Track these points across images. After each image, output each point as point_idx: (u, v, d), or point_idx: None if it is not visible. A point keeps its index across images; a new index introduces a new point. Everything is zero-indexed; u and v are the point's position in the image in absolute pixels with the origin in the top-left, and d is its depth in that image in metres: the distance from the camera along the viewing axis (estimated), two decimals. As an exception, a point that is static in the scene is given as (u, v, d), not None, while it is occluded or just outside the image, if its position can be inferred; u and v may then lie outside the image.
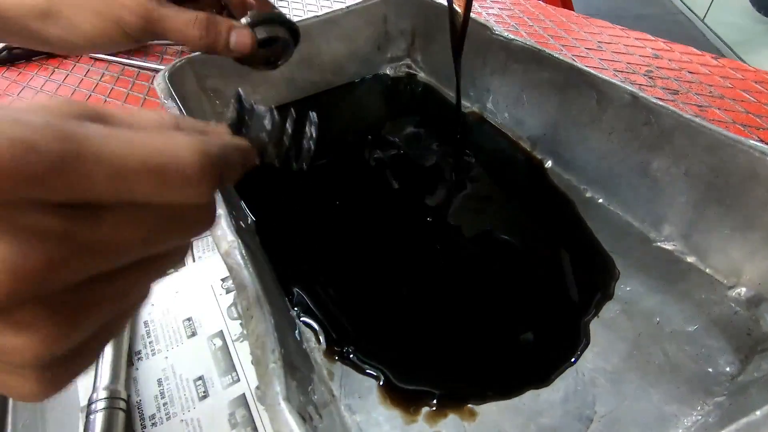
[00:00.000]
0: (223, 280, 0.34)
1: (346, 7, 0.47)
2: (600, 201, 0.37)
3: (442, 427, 0.26)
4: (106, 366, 0.28)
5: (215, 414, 0.27)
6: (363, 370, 0.28)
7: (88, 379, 0.28)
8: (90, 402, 0.26)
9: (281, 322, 0.24)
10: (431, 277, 0.34)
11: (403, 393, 0.27)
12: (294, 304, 0.32)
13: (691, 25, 2.05)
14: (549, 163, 0.40)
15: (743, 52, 1.77)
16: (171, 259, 0.14)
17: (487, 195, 0.40)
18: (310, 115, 0.21)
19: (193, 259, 0.36)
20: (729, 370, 0.27)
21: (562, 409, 0.26)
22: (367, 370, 0.28)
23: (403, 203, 0.39)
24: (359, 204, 0.39)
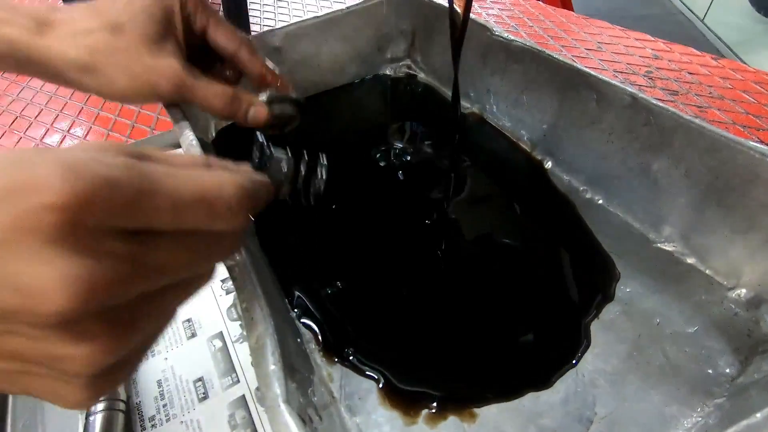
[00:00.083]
0: (222, 281, 0.34)
1: (346, 7, 0.47)
2: (600, 202, 0.37)
3: (442, 429, 0.26)
4: (105, 367, 0.28)
5: (215, 415, 0.27)
6: (363, 371, 0.28)
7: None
8: (89, 403, 0.26)
9: (281, 324, 0.24)
10: (431, 279, 0.34)
11: (403, 394, 0.27)
12: (294, 305, 0.32)
13: (690, 26, 2.05)
14: (549, 164, 0.40)
15: (743, 52, 1.78)
16: (204, 280, 0.16)
17: (487, 196, 0.40)
18: (320, 158, 0.24)
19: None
20: (729, 371, 0.27)
21: (562, 410, 0.26)
22: (367, 372, 0.28)
23: (402, 204, 0.39)
24: (359, 205, 0.39)
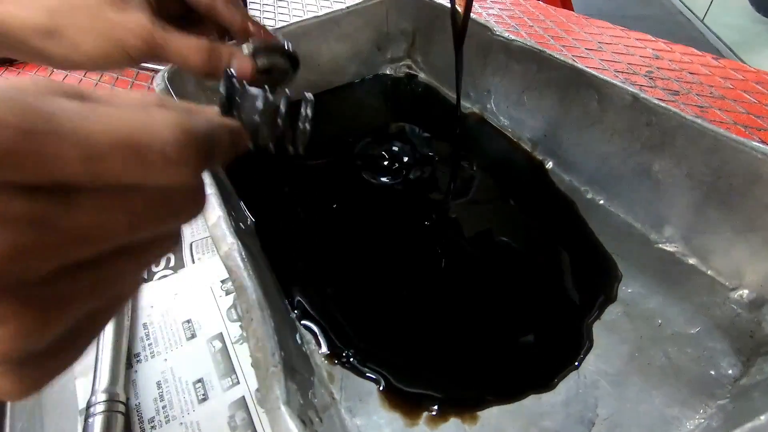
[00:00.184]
0: (222, 281, 0.34)
1: (346, 7, 0.47)
2: (601, 202, 0.37)
3: (443, 431, 0.26)
4: (104, 368, 0.27)
5: (215, 417, 0.27)
6: (363, 373, 0.28)
7: (87, 381, 0.28)
8: (89, 405, 0.26)
9: (281, 325, 0.24)
10: (432, 280, 0.33)
11: (403, 396, 0.27)
12: (294, 306, 0.32)
13: (690, 26, 2.05)
14: (550, 164, 0.40)
15: (743, 52, 1.78)
16: (160, 247, 0.14)
17: (488, 197, 0.39)
18: (305, 94, 0.20)
19: (193, 260, 0.36)
20: (731, 372, 0.27)
21: (563, 412, 0.26)
22: (367, 374, 0.28)
23: (403, 205, 0.39)
24: (360, 206, 0.39)
